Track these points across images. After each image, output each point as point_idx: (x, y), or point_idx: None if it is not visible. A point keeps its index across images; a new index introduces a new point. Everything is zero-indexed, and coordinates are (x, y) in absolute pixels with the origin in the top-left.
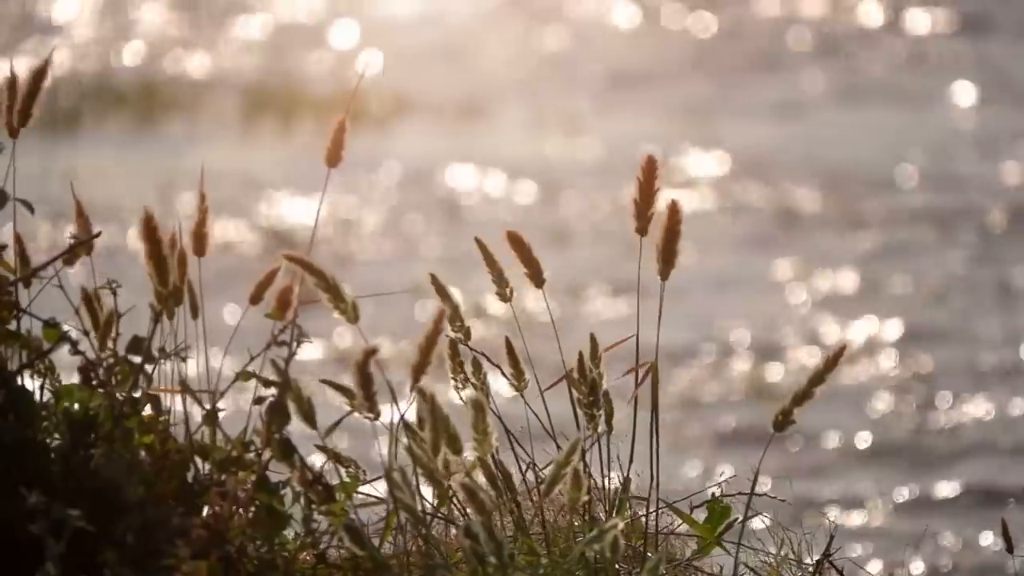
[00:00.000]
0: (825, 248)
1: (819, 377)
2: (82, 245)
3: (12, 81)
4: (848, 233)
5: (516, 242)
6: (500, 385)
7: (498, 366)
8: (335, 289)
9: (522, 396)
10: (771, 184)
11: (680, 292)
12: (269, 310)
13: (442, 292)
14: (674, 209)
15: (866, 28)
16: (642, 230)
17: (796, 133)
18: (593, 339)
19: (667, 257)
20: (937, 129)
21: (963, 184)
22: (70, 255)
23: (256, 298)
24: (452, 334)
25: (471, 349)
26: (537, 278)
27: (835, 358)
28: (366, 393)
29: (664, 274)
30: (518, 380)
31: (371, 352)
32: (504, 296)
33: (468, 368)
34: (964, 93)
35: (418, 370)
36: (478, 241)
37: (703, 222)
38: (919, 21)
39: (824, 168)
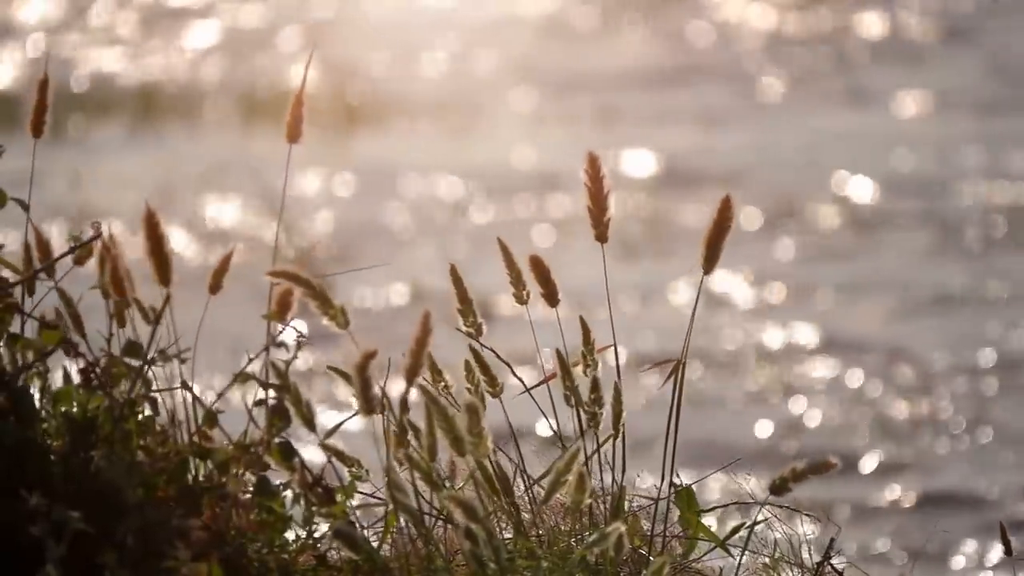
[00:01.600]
0: (757, 254)
1: (816, 470)
2: (83, 247)
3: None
4: (783, 239)
5: (537, 265)
6: (507, 385)
7: (508, 364)
8: (323, 296)
9: (532, 397)
10: (704, 189)
11: (616, 297)
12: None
13: (459, 285)
14: (726, 204)
15: (815, 33)
16: (601, 237)
17: (740, 139)
18: (585, 327)
19: (712, 253)
20: (883, 134)
21: (905, 190)
22: (78, 256)
23: (215, 287)
24: (464, 330)
25: (482, 346)
26: (552, 299)
27: (827, 466)
28: (365, 396)
29: (708, 269)
30: (493, 386)
31: (370, 355)
32: (520, 298)
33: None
34: (912, 99)
35: (411, 373)
36: (500, 242)
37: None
38: (868, 26)
39: (761, 173)
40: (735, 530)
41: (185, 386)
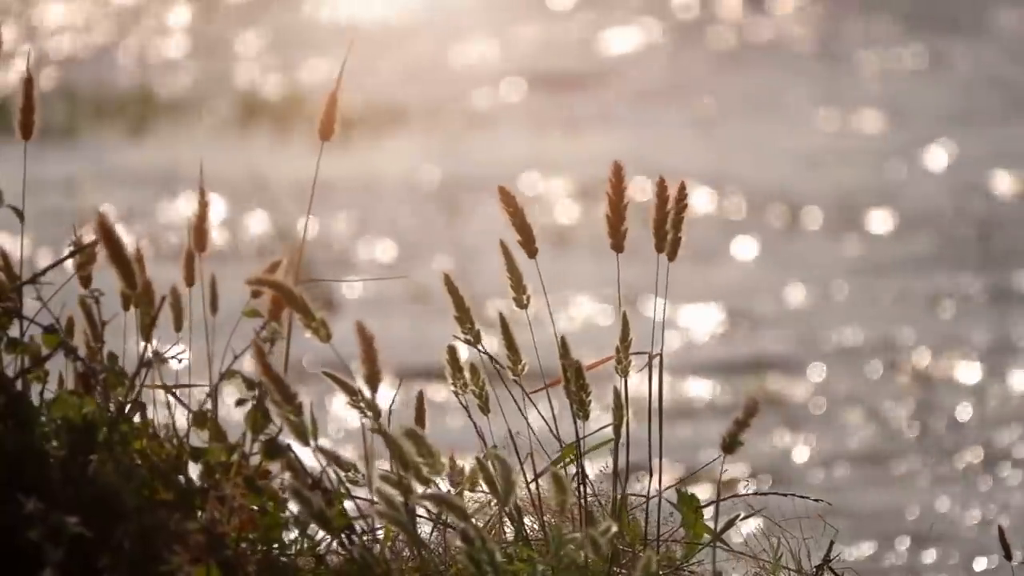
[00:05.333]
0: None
1: (745, 422)
2: (81, 252)
3: None
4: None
5: (507, 199)
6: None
7: (508, 369)
8: (304, 307)
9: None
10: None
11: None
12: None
13: (454, 292)
14: (662, 187)
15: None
16: (617, 247)
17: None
18: (626, 324)
19: (659, 235)
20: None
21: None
22: (81, 262)
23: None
24: (462, 337)
25: (480, 352)
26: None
27: (752, 409)
28: (286, 397)
29: (660, 249)
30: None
31: (266, 340)
32: (521, 302)
33: (467, 375)
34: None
35: (372, 380)
36: (502, 244)
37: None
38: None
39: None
40: (730, 523)
41: (167, 389)
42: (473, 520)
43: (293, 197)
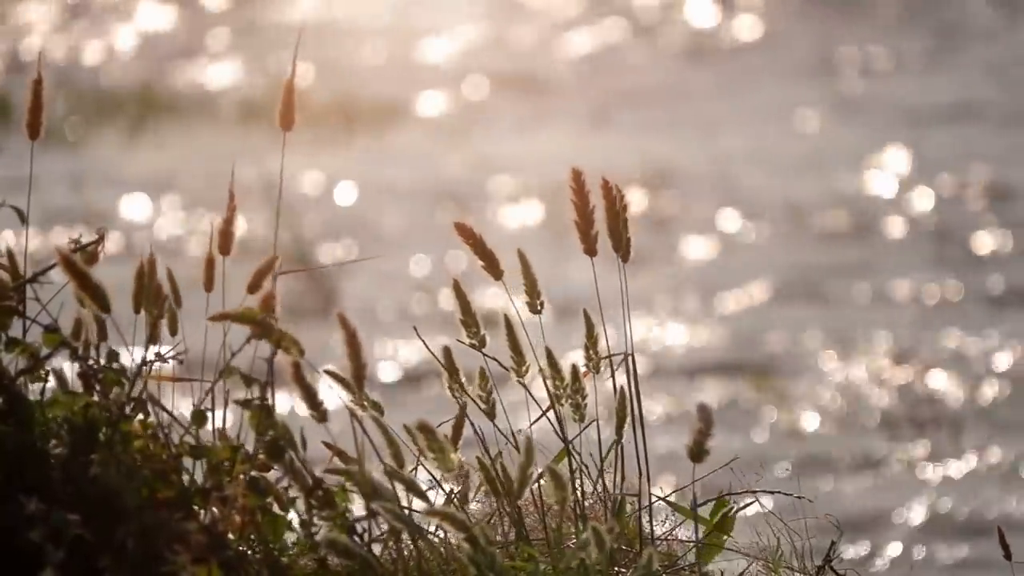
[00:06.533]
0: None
1: (706, 431)
2: (85, 249)
3: None
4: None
5: (464, 231)
6: (509, 388)
7: (511, 371)
8: (274, 330)
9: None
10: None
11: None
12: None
13: (461, 296)
14: (606, 188)
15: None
16: (590, 251)
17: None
18: (589, 323)
19: (614, 237)
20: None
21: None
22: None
23: (255, 287)
24: (467, 341)
25: (485, 356)
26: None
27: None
28: (312, 402)
29: (618, 250)
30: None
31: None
32: (534, 307)
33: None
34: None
35: (357, 376)
36: (520, 253)
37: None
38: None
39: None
40: (723, 515)
41: (152, 399)
42: (474, 524)
43: (266, 194)
